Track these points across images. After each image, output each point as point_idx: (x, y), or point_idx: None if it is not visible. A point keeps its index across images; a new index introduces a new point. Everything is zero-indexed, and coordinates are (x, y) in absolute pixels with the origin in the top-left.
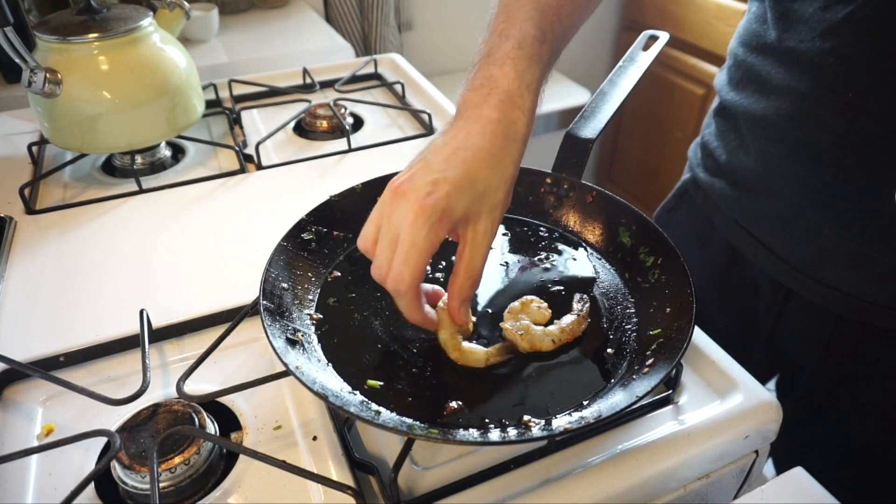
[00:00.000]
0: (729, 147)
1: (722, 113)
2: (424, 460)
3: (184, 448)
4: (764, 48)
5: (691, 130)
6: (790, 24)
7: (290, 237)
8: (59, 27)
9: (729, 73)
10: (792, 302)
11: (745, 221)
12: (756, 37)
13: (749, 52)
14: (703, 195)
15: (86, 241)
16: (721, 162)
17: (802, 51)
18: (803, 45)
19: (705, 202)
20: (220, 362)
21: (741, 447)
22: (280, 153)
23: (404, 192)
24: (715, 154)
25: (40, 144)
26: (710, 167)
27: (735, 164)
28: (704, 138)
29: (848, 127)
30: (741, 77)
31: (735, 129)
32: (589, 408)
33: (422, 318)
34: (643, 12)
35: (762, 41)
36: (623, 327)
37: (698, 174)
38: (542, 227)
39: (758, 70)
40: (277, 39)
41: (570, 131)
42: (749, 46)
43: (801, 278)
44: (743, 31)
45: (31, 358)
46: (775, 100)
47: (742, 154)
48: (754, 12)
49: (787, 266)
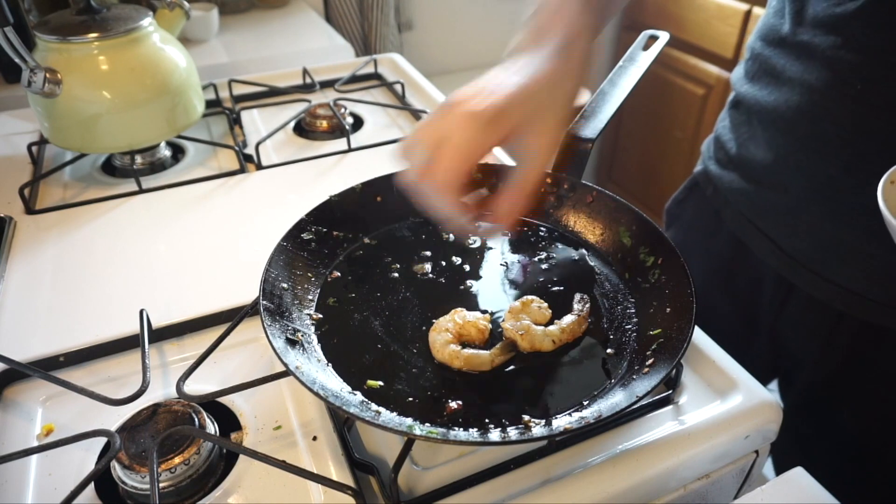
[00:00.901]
0: (740, 139)
1: (736, 106)
2: (424, 460)
3: (184, 448)
4: (780, 41)
5: (691, 130)
6: (804, 18)
7: (290, 237)
8: (59, 27)
9: (745, 66)
10: (794, 297)
11: (751, 214)
12: (773, 30)
13: (766, 45)
14: (713, 188)
15: (86, 240)
16: (732, 154)
17: (815, 44)
18: (816, 39)
19: (714, 195)
20: (219, 362)
21: (741, 447)
22: (280, 153)
23: (457, 102)
24: (727, 147)
25: (40, 144)
26: (721, 159)
27: (745, 156)
28: (718, 131)
29: (854, 120)
30: (757, 70)
31: (747, 122)
32: (589, 408)
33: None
34: (643, 12)
35: (778, 35)
36: (623, 327)
37: (710, 166)
38: (542, 227)
39: (773, 63)
40: (277, 39)
41: (570, 131)
42: (766, 40)
43: (804, 273)
44: (762, 25)
45: (31, 358)
46: (787, 92)
47: (752, 146)
48: (774, 6)
49: (790, 260)
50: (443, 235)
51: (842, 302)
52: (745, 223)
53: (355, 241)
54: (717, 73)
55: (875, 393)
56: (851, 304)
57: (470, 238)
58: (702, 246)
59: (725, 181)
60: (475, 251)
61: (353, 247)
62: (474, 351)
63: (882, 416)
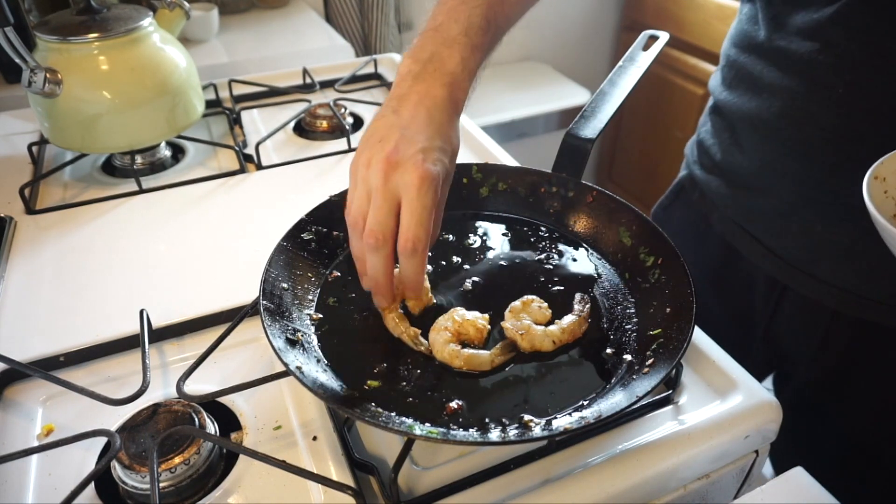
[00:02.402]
0: (723, 145)
1: (716, 112)
2: (424, 460)
3: (184, 448)
4: (755, 48)
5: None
6: (780, 24)
7: (290, 237)
8: (59, 27)
9: (722, 73)
10: (787, 298)
11: (740, 218)
12: (747, 37)
13: (741, 52)
14: (700, 192)
15: (86, 241)
16: (716, 160)
17: (793, 50)
18: (793, 45)
19: (701, 199)
20: (220, 362)
21: (741, 447)
22: (280, 153)
23: (398, 161)
24: (710, 152)
25: (40, 144)
26: (706, 165)
27: (730, 161)
28: (700, 136)
29: (838, 123)
30: (733, 77)
31: (729, 128)
32: (589, 408)
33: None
34: (643, 12)
35: (753, 41)
36: (623, 327)
37: (694, 171)
38: (542, 227)
39: (749, 70)
40: (277, 39)
41: (570, 131)
42: (741, 47)
43: (796, 274)
44: (735, 32)
45: (31, 358)
46: (767, 98)
47: (736, 152)
48: (746, 13)
49: (781, 262)
50: (443, 235)
51: (836, 301)
52: (735, 227)
53: None
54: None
55: (869, 390)
56: (845, 303)
57: (470, 238)
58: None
59: (712, 186)
60: (475, 251)
61: None
62: (474, 350)
63: (878, 413)
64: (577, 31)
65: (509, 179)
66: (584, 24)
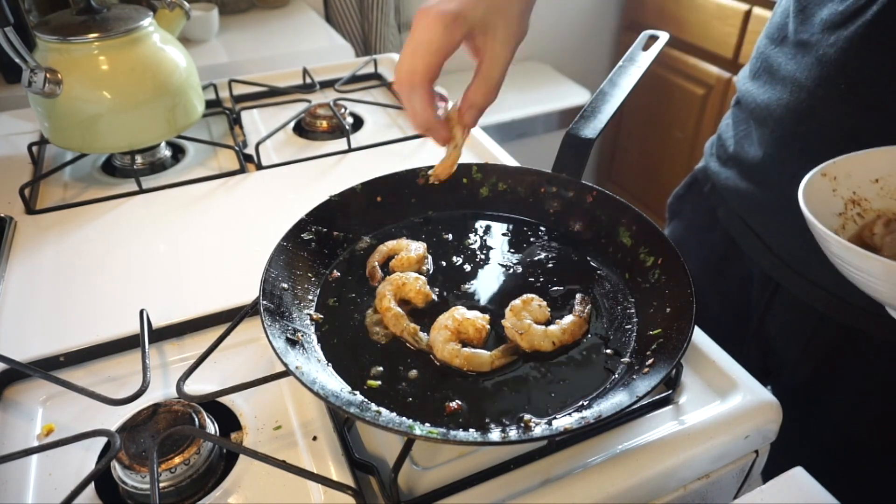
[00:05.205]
0: (738, 136)
1: (737, 102)
2: (424, 460)
3: (184, 448)
4: (782, 40)
5: (691, 130)
6: (807, 16)
7: (290, 237)
8: (59, 27)
9: (751, 64)
10: (779, 297)
11: (742, 211)
12: (779, 29)
13: (770, 43)
14: (711, 184)
15: (86, 241)
16: (731, 152)
17: (812, 43)
18: (812, 38)
19: (711, 191)
20: (220, 362)
21: (741, 447)
22: (280, 153)
23: (425, 10)
24: (726, 144)
25: (40, 144)
26: (721, 156)
27: (741, 153)
28: (720, 129)
29: (838, 118)
30: (759, 68)
31: (745, 119)
32: (589, 408)
33: (432, 119)
34: (643, 12)
35: (782, 33)
36: (623, 327)
37: (710, 163)
38: (542, 227)
39: (771, 61)
40: (277, 39)
41: (570, 131)
42: (771, 38)
43: (789, 273)
44: (769, 24)
45: (31, 358)
46: (780, 90)
47: (747, 144)
48: (782, 5)
49: (777, 260)
50: (443, 235)
51: (823, 304)
52: (738, 221)
53: (355, 241)
54: (717, 73)
55: (850, 395)
56: (833, 307)
57: (470, 238)
58: (697, 242)
59: (722, 178)
60: (475, 251)
61: (353, 247)
62: (475, 350)
63: (857, 421)
64: (577, 31)
65: (509, 179)
66: (584, 24)
